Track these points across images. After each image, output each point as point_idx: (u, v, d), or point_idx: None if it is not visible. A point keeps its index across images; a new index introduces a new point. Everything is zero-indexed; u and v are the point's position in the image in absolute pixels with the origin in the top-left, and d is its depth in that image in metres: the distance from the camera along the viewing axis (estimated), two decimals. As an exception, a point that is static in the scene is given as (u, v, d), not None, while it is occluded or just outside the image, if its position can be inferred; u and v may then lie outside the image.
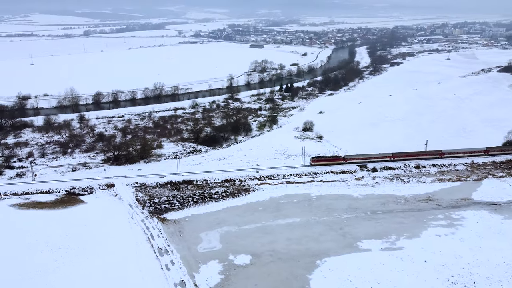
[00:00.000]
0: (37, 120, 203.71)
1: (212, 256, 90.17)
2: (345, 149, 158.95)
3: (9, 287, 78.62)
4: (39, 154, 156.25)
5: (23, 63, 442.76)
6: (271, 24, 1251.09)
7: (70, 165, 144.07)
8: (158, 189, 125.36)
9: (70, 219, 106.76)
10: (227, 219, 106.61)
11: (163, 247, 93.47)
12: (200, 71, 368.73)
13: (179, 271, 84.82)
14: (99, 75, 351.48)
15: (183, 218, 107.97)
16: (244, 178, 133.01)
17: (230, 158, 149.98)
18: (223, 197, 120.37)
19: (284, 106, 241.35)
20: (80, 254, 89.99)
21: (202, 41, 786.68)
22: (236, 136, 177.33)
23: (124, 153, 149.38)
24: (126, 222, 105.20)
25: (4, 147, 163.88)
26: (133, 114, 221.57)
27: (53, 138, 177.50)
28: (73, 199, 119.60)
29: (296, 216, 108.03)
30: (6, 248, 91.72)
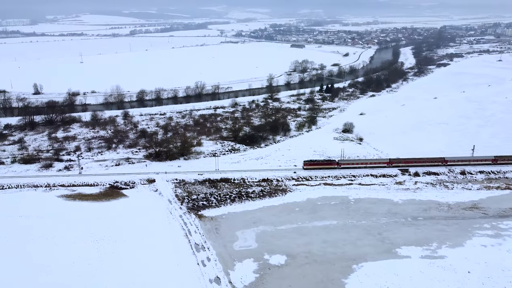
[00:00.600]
0: (84, 116, 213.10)
1: (248, 254, 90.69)
2: (386, 152, 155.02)
3: (57, 273, 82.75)
4: (86, 148, 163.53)
5: (73, 61, 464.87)
6: (313, 24, 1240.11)
7: (114, 160, 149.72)
8: (197, 186, 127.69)
9: (112, 211, 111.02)
10: (263, 219, 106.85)
11: (200, 243, 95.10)
12: (240, 70, 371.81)
13: (215, 267, 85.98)
14: (144, 73, 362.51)
15: (220, 215, 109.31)
16: (282, 178, 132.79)
17: (267, 158, 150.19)
18: (260, 196, 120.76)
19: (324, 107, 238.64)
20: (121, 245, 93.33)
21: (243, 41, 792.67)
22: (275, 136, 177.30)
23: (165, 150, 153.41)
24: (165, 217, 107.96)
25: (54, 141, 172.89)
26: (175, 112, 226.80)
27: (99, 134, 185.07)
28: (116, 192, 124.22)
29: (333, 219, 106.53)
30: (53, 237, 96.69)
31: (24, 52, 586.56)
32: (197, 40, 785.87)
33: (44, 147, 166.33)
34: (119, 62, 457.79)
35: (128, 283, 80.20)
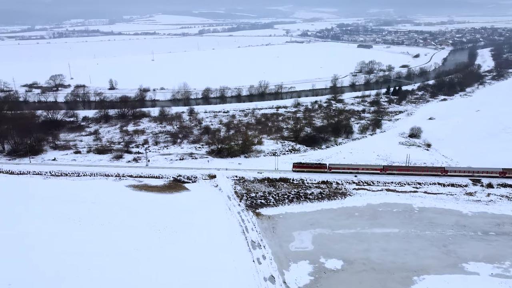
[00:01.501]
0: (153, 111, 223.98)
1: (303, 256, 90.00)
2: (456, 160, 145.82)
3: (122, 257, 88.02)
4: (153, 142, 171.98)
5: (145, 59, 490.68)
6: (382, 24, 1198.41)
7: (178, 154, 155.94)
8: (256, 184, 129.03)
9: (175, 203, 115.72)
10: (321, 221, 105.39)
11: (256, 241, 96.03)
12: (304, 70, 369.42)
13: (270, 266, 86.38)
14: (210, 72, 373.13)
15: (277, 215, 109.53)
16: (342, 182, 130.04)
17: (328, 160, 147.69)
18: (318, 198, 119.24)
19: (390, 110, 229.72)
20: (182, 237, 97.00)
21: (308, 41, 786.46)
22: (336, 138, 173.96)
23: (226, 147, 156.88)
24: (224, 212, 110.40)
25: (125, 134, 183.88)
26: (238, 110, 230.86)
27: (166, 128, 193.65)
28: (179, 185, 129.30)
29: (394, 227, 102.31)
30: (120, 224, 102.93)
31: (102, 50, 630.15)
32: (262, 39, 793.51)
33: (116, 139, 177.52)
34: (187, 60, 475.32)
35: (186, 273, 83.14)
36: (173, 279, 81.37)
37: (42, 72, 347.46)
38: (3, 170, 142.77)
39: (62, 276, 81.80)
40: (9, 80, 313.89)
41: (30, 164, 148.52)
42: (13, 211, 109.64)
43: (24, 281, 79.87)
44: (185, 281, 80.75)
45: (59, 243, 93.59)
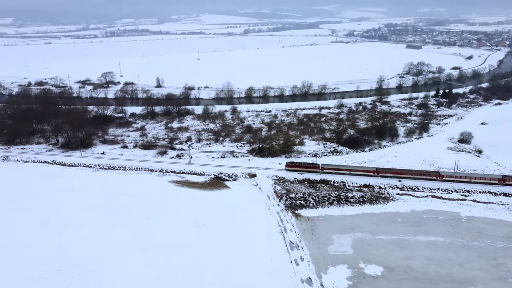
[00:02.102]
0: (197, 109, 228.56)
1: (342, 260, 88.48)
2: (510, 168, 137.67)
3: (164, 250, 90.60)
4: (196, 139, 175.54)
5: (191, 58, 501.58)
6: (433, 24, 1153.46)
7: (220, 152, 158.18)
8: (296, 185, 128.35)
9: (215, 201, 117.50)
10: (361, 225, 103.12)
11: (295, 242, 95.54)
12: (349, 71, 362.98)
13: (307, 268, 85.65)
14: (253, 71, 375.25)
15: (317, 216, 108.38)
16: (385, 186, 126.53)
17: (371, 163, 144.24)
18: (359, 202, 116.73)
19: (439, 113, 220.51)
20: (221, 234, 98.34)
21: (354, 41, 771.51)
22: (380, 140, 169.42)
23: (267, 146, 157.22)
24: (263, 212, 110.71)
25: (170, 130, 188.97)
26: (280, 110, 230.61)
27: (209, 126, 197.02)
28: (220, 183, 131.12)
29: (439, 235, 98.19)
30: (163, 218, 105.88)
31: (150, 49, 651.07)
32: (307, 39, 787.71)
33: (161, 135, 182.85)
34: (232, 60, 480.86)
35: (224, 269, 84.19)
36: (211, 275, 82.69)
37: (94, 69, 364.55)
38: (57, 161, 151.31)
39: (107, 265, 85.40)
40: (64, 77, 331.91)
41: (80, 156, 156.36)
42: (64, 201, 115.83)
43: (71, 268, 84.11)
44: (223, 278, 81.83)
45: (105, 233, 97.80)
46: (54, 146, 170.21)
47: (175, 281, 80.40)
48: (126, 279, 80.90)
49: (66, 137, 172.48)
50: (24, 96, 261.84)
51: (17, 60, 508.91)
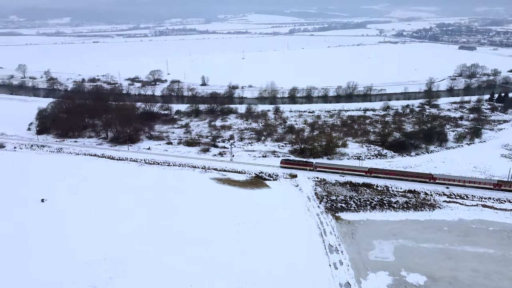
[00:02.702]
0: (240, 108, 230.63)
1: (383, 266, 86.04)
2: None
3: (202, 245, 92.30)
4: (238, 138, 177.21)
5: (236, 57, 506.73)
6: (490, 24, 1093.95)
7: (261, 151, 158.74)
8: (337, 187, 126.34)
9: (255, 199, 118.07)
10: (404, 232, 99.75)
11: (334, 245, 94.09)
12: (396, 72, 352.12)
13: (346, 272, 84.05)
14: (297, 71, 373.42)
15: (358, 220, 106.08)
16: (431, 192, 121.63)
17: (417, 168, 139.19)
18: (403, 208, 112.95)
19: (493, 118, 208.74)
20: (259, 232, 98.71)
21: (403, 41, 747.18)
22: (428, 145, 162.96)
23: (309, 147, 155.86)
24: (303, 213, 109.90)
25: (213, 128, 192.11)
26: (323, 110, 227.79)
27: (251, 125, 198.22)
28: (260, 182, 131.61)
29: (489, 247, 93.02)
30: (203, 213, 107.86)
31: (197, 48, 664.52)
32: (354, 39, 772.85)
33: (204, 133, 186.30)
34: (276, 59, 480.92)
35: (262, 269, 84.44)
36: (249, 273, 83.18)
37: (143, 67, 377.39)
38: (106, 155, 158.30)
39: (149, 257, 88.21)
40: (115, 74, 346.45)
41: (127, 151, 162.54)
42: (111, 193, 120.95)
43: (116, 258, 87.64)
44: (260, 277, 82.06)
45: (149, 227, 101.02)
46: (104, 140, 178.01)
47: (213, 277, 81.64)
48: (166, 271, 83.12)
49: (115, 132, 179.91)
50: (78, 91, 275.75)
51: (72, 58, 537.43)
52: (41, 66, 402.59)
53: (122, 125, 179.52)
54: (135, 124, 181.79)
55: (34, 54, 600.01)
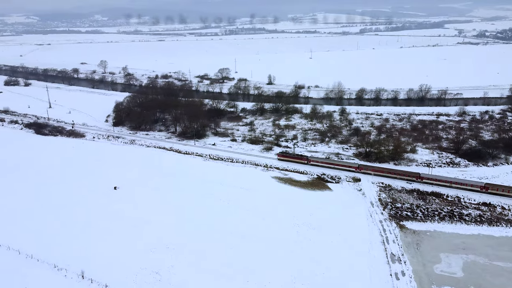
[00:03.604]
0: (305, 108, 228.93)
1: (449, 282, 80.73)
2: None
3: (258, 244, 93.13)
4: (302, 138, 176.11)
5: (304, 56, 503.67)
6: None
7: (324, 153, 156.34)
8: (403, 195, 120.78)
9: (315, 201, 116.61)
10: (476, 247, 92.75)
11: (397, 254, 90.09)
12: (476, 75, 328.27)
13: (408, 284, 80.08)
14: (366, 72, 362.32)
15: (424, 231, 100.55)
16: (509, 207, 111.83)
17: (494, 180, 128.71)
18: (476, 221, 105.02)
19: None
20: (319, 235, 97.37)
21: (485, 42, 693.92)
22: (508, 155, 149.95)
23: (375, 151, 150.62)
24: (364, 218, 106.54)
25: (277, 127, 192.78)
26: (392, 114, 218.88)
27: (315, 126, 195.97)
28: (322, 184, 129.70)
29: None
30: (264, 212, 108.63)
31: (265, 47, 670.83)
32: (429, 40, 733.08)
33: (268, 131, 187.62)
34: (345, 60, 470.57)
35: (319, 271, 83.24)
36: (305, 274, 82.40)
37: (212, 65, 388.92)
38: (174, 148, 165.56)
39: (209, 249, 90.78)
40: (186, 71, 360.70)
41: (194, 146, 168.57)
42: (177, 185, 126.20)
43: (178, 247, 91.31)
44: (316, 280, 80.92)
45: (211, 220, 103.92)
46: (173, 134, 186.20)
47: (268, 275, 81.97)
48: (224, 264, 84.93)
49: (183, 127, 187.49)
50: (151, 87, 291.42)
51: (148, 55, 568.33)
52: (120, 62, 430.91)
53: (190, 120, 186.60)
54: (202, 120, 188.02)
55: (114, 51, 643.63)
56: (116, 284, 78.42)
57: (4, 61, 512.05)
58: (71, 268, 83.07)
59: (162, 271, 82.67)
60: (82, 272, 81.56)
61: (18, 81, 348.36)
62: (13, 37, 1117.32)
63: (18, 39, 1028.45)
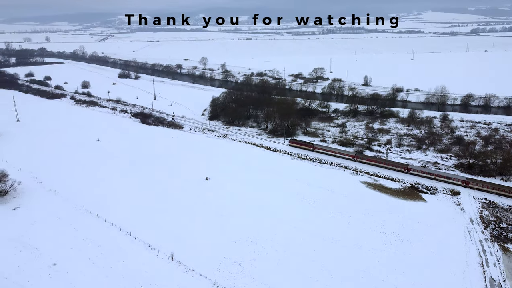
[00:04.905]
0: (402, 112, 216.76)
1: (562, 320, 70.41)
2: None
3: (343, 250, 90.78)
4: (396, 143, 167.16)
5: (404, 58, 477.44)
6: None
7: (421, 161, 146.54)
8: (510, 214, 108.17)
9: (407, 211, 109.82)
10: None
11: (497, 280, 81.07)
12: None
13: (510, 315, 71.65)
14: (475, 76, 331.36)
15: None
16: None
17: None
18: None
19: None
20: (407, 247, 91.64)
21: None
22: None
23: (479, 163, 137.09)
24: (462, 236, 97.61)
25: (370, 131, 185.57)
26: (503, 123, 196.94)
27: (412, 132, 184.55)
28: (415, 194, 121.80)
29: None
30: (347, 217, 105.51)
31: (363, 47, 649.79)
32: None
33: (360, 134, 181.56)
34: (451, 62, 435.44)
35: (406, 286, 78.39)
36: (390, 287, 78.26)
37: (307, 64, 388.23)
38: (263, 145, 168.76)
39: (290, 246, 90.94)
40: (280, 70, 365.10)
41: (283, 144, 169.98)
42: (265, 181, 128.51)
43: (260, 241, 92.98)
44: (402, 294, 76.40)
45: (294, 220, 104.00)
46: (263, 131, 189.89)
47: (349, 283, 79.44)
48: (304, 266, 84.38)
49: (274, 124, 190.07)
50: (246, 84, 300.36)
51: (245, 53, 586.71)
52: (219, 59, 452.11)
53: (281, 118, 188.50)
54: (293, 118, 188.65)
55: (215, 49, 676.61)
56: (201, 269, 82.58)
57: (119, 56, 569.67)
58: (163, 249, 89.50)
59: (244, 263, 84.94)
60: (172, 254, 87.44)
61: (130, 74, 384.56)
62: (129, 34, 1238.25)
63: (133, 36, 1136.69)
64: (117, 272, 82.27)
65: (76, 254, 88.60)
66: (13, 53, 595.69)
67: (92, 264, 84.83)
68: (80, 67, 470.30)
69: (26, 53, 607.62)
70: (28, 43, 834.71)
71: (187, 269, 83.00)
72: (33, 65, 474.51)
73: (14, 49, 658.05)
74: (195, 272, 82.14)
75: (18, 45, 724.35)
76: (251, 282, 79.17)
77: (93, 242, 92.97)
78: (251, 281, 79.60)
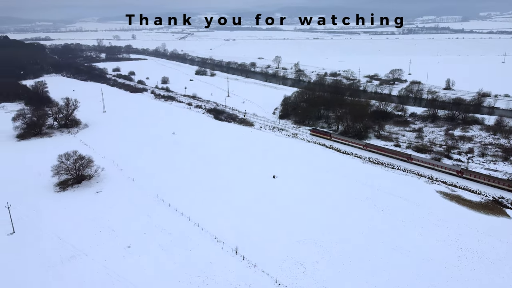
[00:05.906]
0: (488, 119, 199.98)
1: None
2: None
3: (410, 262, 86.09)
4: (479, 153, 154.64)
5: (494, 60, 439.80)
6: None
7: (507, 174, 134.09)
8: None
9: (486, 227, 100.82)
10: None
11: None
12: None
13: None
14: None
15: None
16: None
17: None
18: None
19: None
20: (485, 265, 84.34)
21: None
22: None
23: None
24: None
25: (450, 138, 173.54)
26: None
27: (499, 141, 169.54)
28: (498, 209, 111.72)
29: None
30: (417, 227, 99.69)
31: (447, 48, 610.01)
32: None
33: (438, 141, 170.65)
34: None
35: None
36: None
37: (384, 65, 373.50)
38: (333, 147, 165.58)
39: (354, 255, 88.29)
40: (355, 70, 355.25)
41: (354, 146, 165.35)
42: (330, 183, 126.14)
43: (324, 243, 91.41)
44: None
45: (359, 225, 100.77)
46: (334, 133, 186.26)
47: (420, 297, 75.20)
48: (368, 274, 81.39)
49: (346, 126, 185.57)
50: (319, 84, 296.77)
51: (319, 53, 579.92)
52: (292, 58, 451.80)
53: (353, 120, 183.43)
54: (365, 121, 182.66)
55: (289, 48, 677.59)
56: (263, 266, 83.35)
57: (197, 54, 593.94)
58: (228, 243, 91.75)
59: (307, 264, 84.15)
60: (236, 248, 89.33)
61: (206, 71, 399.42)
62: (207, 33, 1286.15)
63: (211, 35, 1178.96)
64: (184, 260, 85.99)
65: (148, 239, 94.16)
66: (104, 49, 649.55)
67: (162, 250, 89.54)
68: (161, 63, 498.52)
69: (114, 49, 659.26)
70: (116, 40, 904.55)
71: (250, 264, 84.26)
72: (120, 60, 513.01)
73: (104, 45, 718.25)
74: (257, 268, 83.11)
75: (108, 42, 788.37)
76: (313, 284, 78.23)
77: (164, 230, 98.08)
78: (314, 283, 78.64)
